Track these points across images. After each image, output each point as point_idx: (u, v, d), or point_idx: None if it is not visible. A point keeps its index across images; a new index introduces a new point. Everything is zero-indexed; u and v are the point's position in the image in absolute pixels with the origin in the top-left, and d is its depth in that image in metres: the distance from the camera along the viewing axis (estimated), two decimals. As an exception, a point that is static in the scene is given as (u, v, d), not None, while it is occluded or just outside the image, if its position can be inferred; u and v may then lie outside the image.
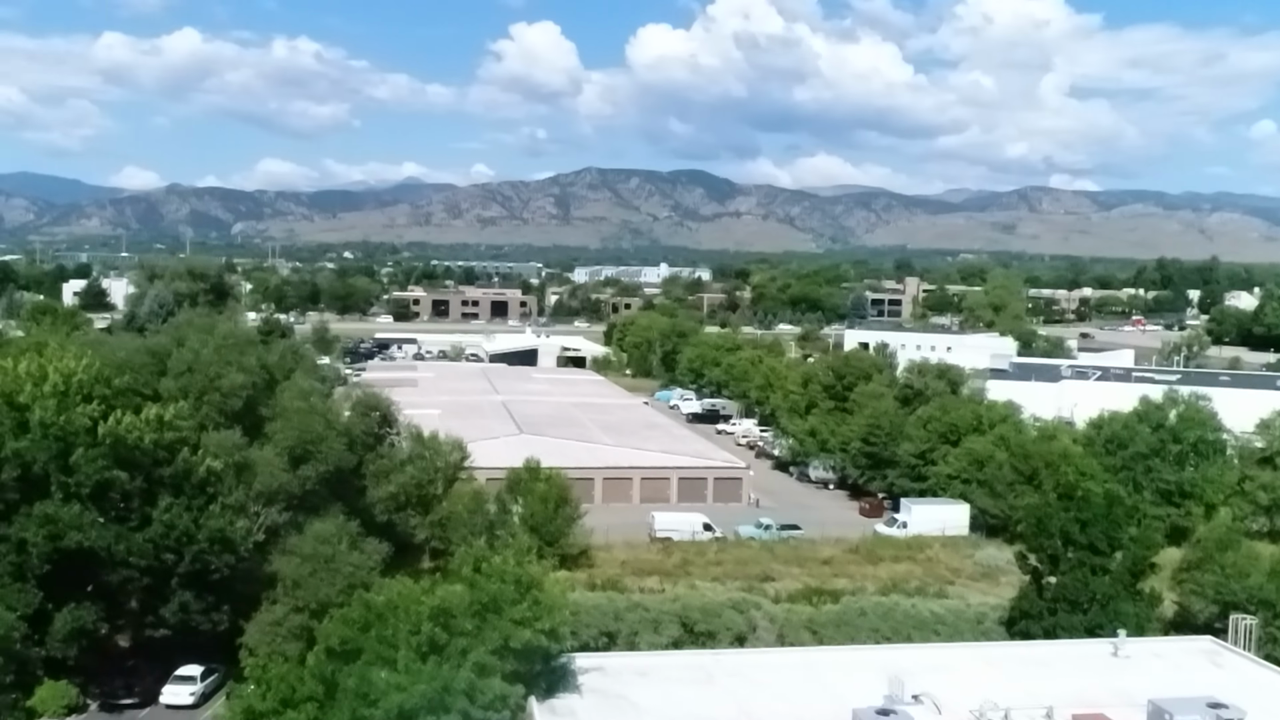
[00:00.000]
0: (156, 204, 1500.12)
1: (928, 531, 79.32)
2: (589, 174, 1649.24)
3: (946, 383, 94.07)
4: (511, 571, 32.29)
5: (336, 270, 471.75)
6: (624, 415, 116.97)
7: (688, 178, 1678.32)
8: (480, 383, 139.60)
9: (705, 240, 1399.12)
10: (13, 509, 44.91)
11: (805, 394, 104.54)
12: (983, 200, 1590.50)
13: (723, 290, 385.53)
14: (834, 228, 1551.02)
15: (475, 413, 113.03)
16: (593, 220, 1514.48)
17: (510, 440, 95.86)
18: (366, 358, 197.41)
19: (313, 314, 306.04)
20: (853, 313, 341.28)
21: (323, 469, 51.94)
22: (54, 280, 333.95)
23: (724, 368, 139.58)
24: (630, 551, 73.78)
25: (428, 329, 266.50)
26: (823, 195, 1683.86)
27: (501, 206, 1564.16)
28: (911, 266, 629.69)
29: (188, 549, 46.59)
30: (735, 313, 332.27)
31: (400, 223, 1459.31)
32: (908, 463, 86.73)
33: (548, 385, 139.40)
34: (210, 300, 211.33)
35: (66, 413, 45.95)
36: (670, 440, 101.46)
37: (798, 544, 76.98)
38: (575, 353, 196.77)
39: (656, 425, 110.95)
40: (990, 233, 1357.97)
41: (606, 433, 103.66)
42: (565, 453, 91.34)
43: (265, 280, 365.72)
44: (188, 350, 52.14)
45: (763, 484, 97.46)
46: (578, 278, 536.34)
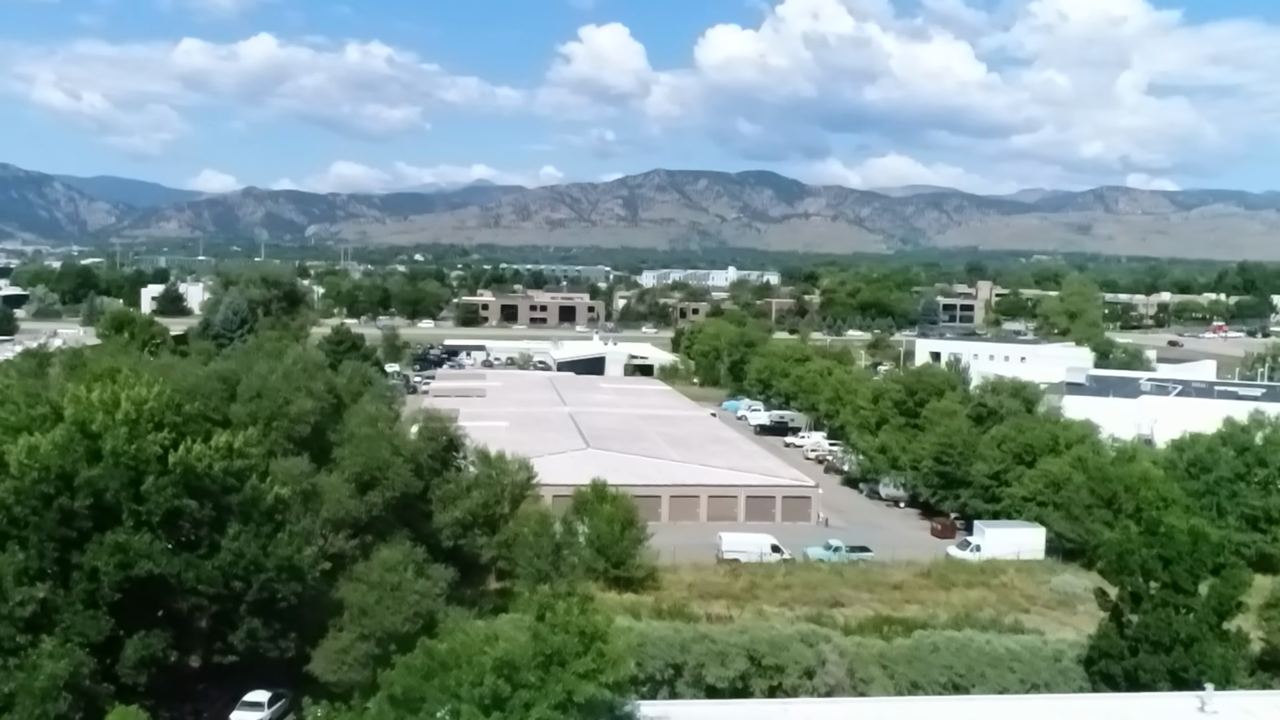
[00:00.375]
0: (233, 207, 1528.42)
1: (1002, 555, 77.60)
2: (657, 175, 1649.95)
3: (1021, 401, 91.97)
4: (576, 622, 31.72)
5: (407, 274, 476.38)
6: (691, 428, 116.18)
7: (756, 179, 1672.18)
8: (548, 393, 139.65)
9: (774, 242, 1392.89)
10: (85, 537, 45.33)
11: (876, 410, 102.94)
12: (1057, 200, 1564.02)
13: (791, 295, 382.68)
14: (904, 229, 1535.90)
15: (543, 425, 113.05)
16: (660, 222, 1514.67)
17: (577, 455, 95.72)
18: (436, 365, 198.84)
19: (383, 318, 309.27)
20: (923, 318, 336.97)
21: (389, 495, 51.93)
22: (133, 285, 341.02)
23: (792, 379, 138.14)
24: (697, 573, 73.02)
25: (496, 335, 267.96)
26: (893, 196, 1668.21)
27: (570, 208, 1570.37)
28: (983, 269, 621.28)
29: (256, 577, 46.74)
30: (804, 318, 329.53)
31: (470, 225, 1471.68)
32: (981, 483, 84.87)
33: (615, 396, 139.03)
34: (283, 307, 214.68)
35: (138, 441, 46.30)
36: (738, 456, 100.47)
37: (867, 567, 75.69)
38: (642, 361, 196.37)
39: (724, 439, 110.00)
40: (1065, 234, 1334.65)
41: (673, 447, 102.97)
42: (632, 469, 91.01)
43: (337, 284, 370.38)
44: (256, 376, 52.45)
45: (832, 501, 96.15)
46: (645, 281, 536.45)
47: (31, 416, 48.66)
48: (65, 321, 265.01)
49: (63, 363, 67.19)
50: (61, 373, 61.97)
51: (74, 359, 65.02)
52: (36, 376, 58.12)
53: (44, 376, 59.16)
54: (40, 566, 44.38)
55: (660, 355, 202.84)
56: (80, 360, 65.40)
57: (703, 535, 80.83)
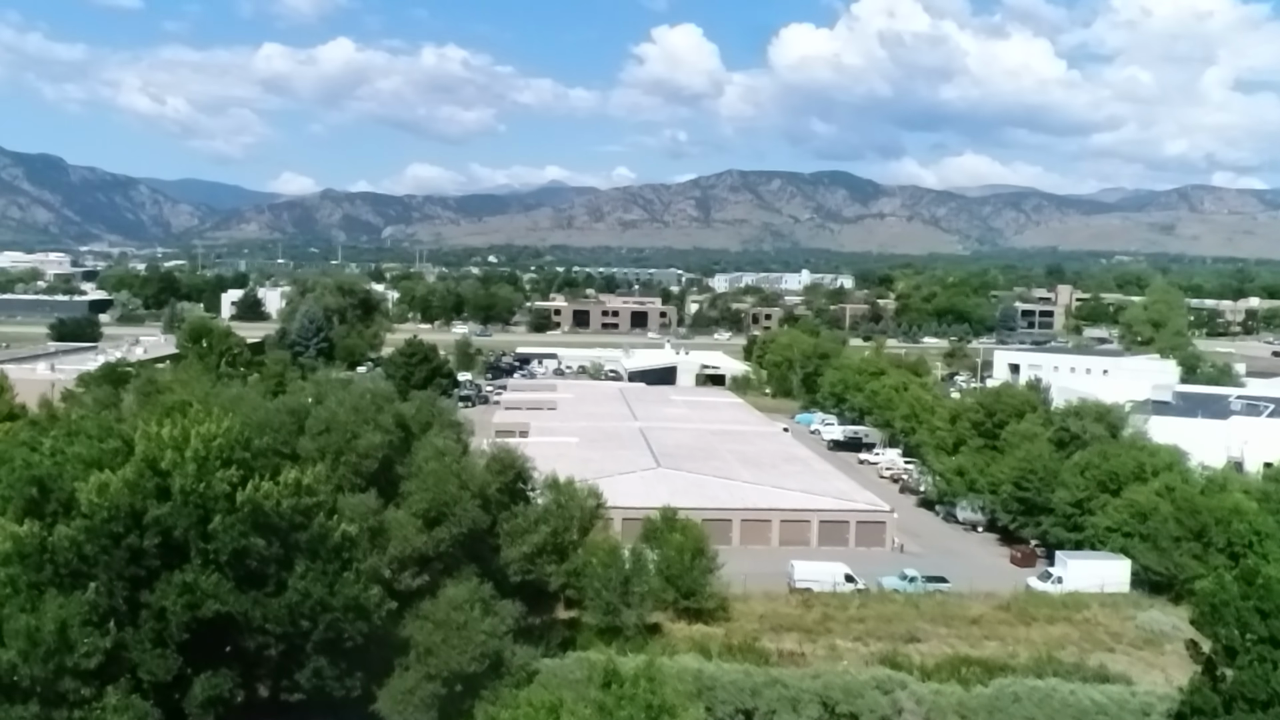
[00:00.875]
0: (311, 209, 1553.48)
1: (1085, 588, 75.03)
2: (730, 176, 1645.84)
3: (1106, 426, 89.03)
4: (643, 695, 30.62)
5: (480, 277, 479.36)
6: (763, 445, 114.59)
7: (830, 179, 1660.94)
8: (618, 406, 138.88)
9: (848, 242, 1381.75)
10: (154, 575, 45.28)
11: (953, 430, 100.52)
12: (1139, 200, 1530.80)
13: (865, 300, 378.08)
14: (981, 229, 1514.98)
15: (613, 441, 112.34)
16: (733, 223, 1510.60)
17: (647, 475, 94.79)
18: (508, 373, 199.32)
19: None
20: (1001, 325, 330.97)
21: (456, 531, 51.33)
22: (214, 290, 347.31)
23: (867, 394, 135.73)
24: (769, 604, 71.58)
25: (568, 341, 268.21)
26: (970, 195, 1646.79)
27: (643, 209, 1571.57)
28: (1063, 271, 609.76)
29: (322, 617, 46.36)
30: (878, 324, 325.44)
31: (543, 226, 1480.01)
32: (1063, 511, 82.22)
33: (686, 409, 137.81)
34: (358, 315, 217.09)
35: (207, 478, 46.17)
36: (811, 477, 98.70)
37: (944, 599, 73.60)
38: (714, 371, 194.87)
39: (797, 458, 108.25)
40: (1147, 234, 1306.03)
41: (745, 466, 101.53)
42: (703, 491, 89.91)
43: (412, 289, 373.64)
44: (325, 409, 52.20)
45: (907, 524, 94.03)
46: (717, 285, 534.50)
47: (103, 450, 48.84)
48: (148, 327, 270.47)
49: (137, 389, 67.92)
50: (135, 399, 62.51)
51: (148, 385, 65.64)
52: (110, 405, 58.49)
53: (117, 405, 59.60)
54: (110, 605, 44.45)
55: (732, 365, 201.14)
56: (154, 387, 65.90)
57: (774, 561, 79.32)
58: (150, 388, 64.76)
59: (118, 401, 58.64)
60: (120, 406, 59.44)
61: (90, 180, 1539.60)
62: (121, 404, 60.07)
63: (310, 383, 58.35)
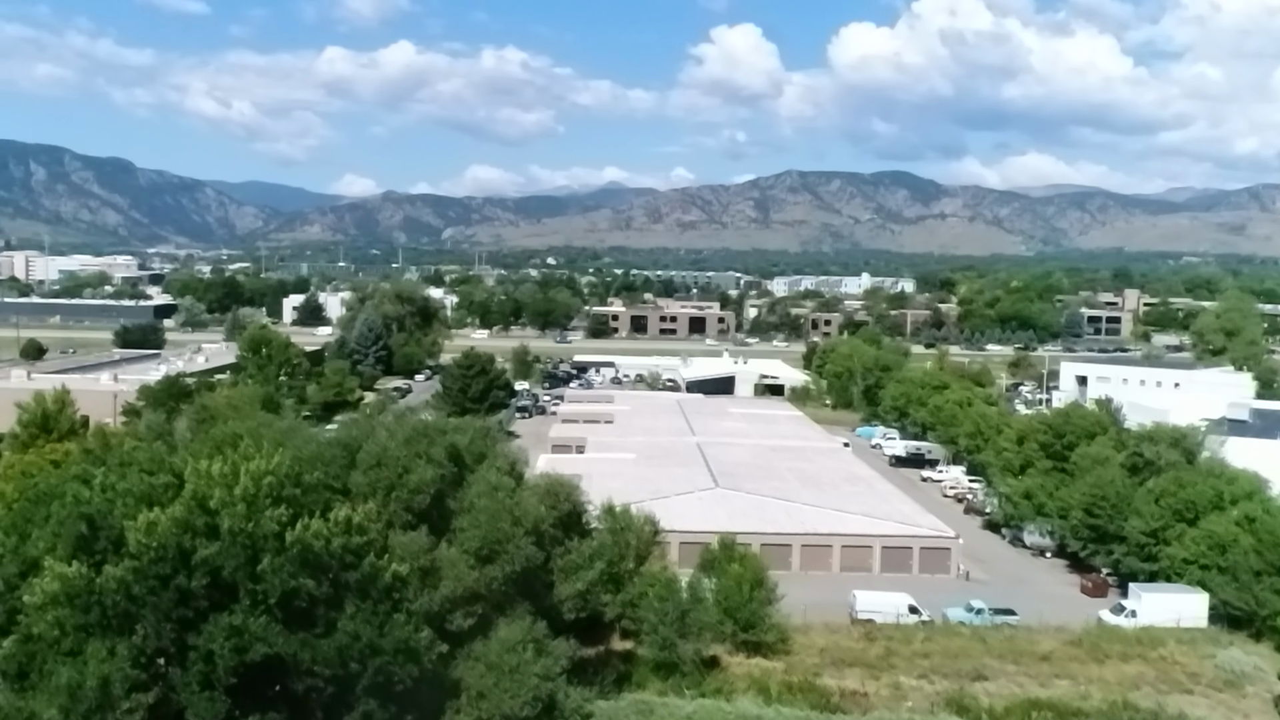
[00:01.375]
0: (373, 211, 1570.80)
1: (1160, 623, 72.11)
2: (789, 177, 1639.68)
3: (1181, 452, 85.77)
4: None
5: (539, 281, 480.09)
6: (824, 463, 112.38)
7: (891, 179, 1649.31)
8: (676, 419, 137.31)
9: (908, 243, 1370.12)
10: (202, 617, 44.49)
11: (1020, 451, 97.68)
12: (1209, 199, 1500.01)
13: (927, 305, 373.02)
14: (1045, 229, 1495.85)
15: (670, 458, 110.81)
16: (793, 224, 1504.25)
17: (705, 496, 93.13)
18: (564, 382, 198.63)
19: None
20: (1067, 331, 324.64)
21: (509, 569, 50.09)
22: (275, 295, 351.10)
23: (930, 409, 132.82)
24: (829, 636, 69.56)
25: (625, 347, 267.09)
26: (1033, 195, 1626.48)
27: (701, 210, 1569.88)
28: (1129, 274, 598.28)
29: (372, 660, 45.33)
30: (940, 330, 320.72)
31: (602, 227, 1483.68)
32: (1137, 540, 79.21)
33: (744, 423, 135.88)
34: (416, 323, 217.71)
35: (256, 517, 45.32)
36: (873, 498, 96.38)
37: (1012, 633, 71.08)
38: (773, 380, 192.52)
39: (858, 477, 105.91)
40: (1217, 234, 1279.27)
41: (805, 486, 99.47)
42: (762, 514, 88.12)
43: (470, 294, 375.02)
44: (376, 443, 51.21)
45: (972, 548, 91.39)
46: (776, 288, 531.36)
47: (153, 486, 48.24)
48: (211, 332, 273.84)
49: (192, 415, 67.61)
50: (189, 425, 62.16)
51: (201, 412, 65.29)
52: (163, 435, 58.07)
53: (171, 434, 59.21)
54: (158, 647, 43.76)
55: (791, 374, 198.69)
56: (208, 413, 65.53)
57: (835, 589, 77.31)
58: (204, 414, 64.43)
59: (170, 431, 58.27)
60: (173, 434, 58.98)
61: (158, 183, 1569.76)
62: (175, 430, 59.66)
63: (362, 414, 57.32)
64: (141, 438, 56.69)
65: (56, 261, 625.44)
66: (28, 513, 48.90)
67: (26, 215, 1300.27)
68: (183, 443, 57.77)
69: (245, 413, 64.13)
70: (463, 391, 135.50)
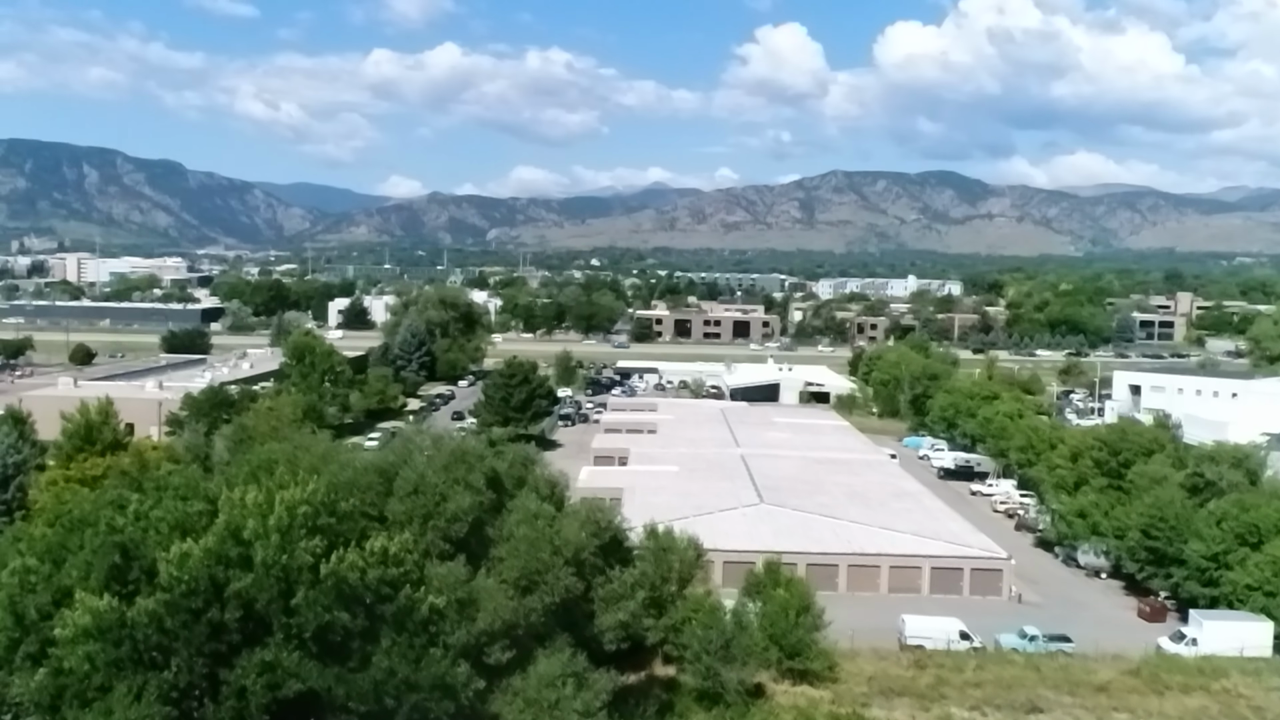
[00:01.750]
0: (419, 212, 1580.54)
1: (1222, 652, 69.52)
2: (834, 177, 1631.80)
3: (1244, 472, 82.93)
4: None
5: (582, 284, 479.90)
6: (871, 477, 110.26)
7: (937, 179, 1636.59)
8: (720, 429, 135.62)
9: (955, 244, 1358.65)
10: (234, 651, 43.52)
11: (1074, 469, 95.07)
12: (1263, 199, 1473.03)
13: (974, 308, 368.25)
14: (1095, 229, 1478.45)
15: (714, 471, 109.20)
16: (838, 224, 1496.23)
17: (749, 512, 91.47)
18: (608, 388, 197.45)
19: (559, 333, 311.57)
20: (1118, 336, 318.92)
21: (549, 600, 48.78)
22: (321, 298, 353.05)
23: (979, 420, 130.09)
24: (878, 663, 67.66)
25: (669, 353, 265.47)
26: (1083, 195, 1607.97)
27: (745, 211, 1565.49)
28: (1181, 276, 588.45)
29: (407, 697, 44.18)
30: (988, 334, 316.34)
31: (646, 228, 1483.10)
32: (1197, 564, 76.55)
33: (789, 434, 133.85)
34: (460, 329, 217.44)
35: (290, 548, 44.29)
36: (922, 515, 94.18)
37: (1068, 661, 68.86)
38: (818, 388, 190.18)
39: (907, 493, 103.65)
40: (1271, 234, 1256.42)
41: (852, 501, 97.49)
42: (808, 532, 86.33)
43: (514, 297, 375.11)
44: (413, 469, 50.07)
45: (1024, 567, 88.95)
46: (821, 291, 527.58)
47: (187, 514, 47.41)
48: (257, 335, 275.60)
49: (229, 436, 66.99)
50: (227, 445, 61.45)
51: (240, 431, 64.62)
52: (200, 458, 57.33)
53: (208, 455, 58.48)
54: (190, 682, 42.86)
55: (837, 381, 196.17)
56: (246, 433, 64.80)
57: (883, 611, 75.38)
58: (243, 433, 63.76)
59: (208, 452, 57.55)
60: (211, 456, 58.24)
61: (207, 185, 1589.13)
62: (213, 449, 58.93)
63: (400, 439, 56.19)
64: (178, 459, 55.93)
65: (107, 263, 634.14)
66: (62, 539, 48.21)
67: (80, 217, 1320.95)
68: (220, 464, 57.03)
69: (283, 432, 63.36)
70: (505, 400, 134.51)
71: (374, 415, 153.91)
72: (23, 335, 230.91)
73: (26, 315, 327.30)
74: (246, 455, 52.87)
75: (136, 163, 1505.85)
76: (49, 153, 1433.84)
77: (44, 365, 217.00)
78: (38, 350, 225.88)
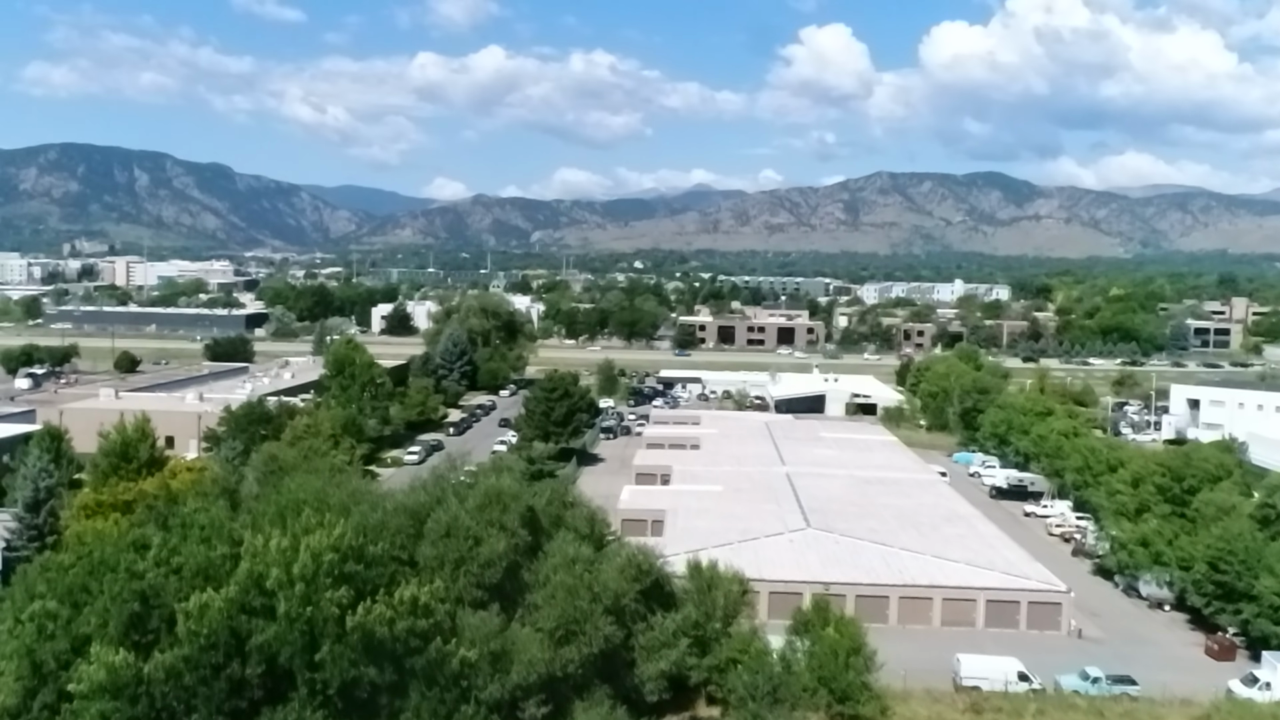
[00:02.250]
0: (463, 214, 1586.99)
1: (1298, 697, 65.75)
2: (879, 178, 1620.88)
3: (1320, 504, 78.90)
4: None
5: (624, 288, 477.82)
6: (921, 498, 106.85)
7: (984, 180, 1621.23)
8: (764, 446, 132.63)
9: (1002, 245, 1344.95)
10: (255, 709, 41.49)
11: (1135, 494, 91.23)
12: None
13: (1023, 314, 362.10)
14: (1144, 231, 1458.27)
15: (760, 491, 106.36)
16: (883, 226, 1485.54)
17: (797, 538, 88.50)
18: (650, 399, 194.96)
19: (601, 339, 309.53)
20: (1172, 344, 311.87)
21: (587, 650, 46.35)
22: (364, 303, 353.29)
23: (1033, 438, 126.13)
24: (932, 705, 64.51)
25: (712, 359, 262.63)
26: (1132, 196, 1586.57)
27: (789, 213, 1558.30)
28: (1235, 280, 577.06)
29: (438, 756, 41.94)
30: (1038, 342, 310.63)
31: (689, 230, 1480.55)
32: (1270, 601, 72.70)
33: (836, 450, 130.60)
34: (502, 338, 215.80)
35: (315, 599, 42.15)
36: (976, 541, 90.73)
37: (1133, 705, 65.34)
38: (865, 399, 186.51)
39: (959, 516, 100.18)
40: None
41: (902, 526, 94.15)
42: (857, 560, 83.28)
43: (556, 302, 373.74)
44: (446, 511, 47.79)
45: (1083, 598, 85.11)
46: (867, 295, 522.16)
47: (210, 558, 45.45)
48: (301, 342, 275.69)
49: (259, 467, 65.06)
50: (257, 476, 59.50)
51: (270, 462, 62.65)
52: (228, 491, 55.40)
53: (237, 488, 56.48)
54: (209, 741, 40.86)
55: (884, 392, 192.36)
56: (276, 464, 62.86)
57: (936, 647, 72.23)
58: (273, 464, 61.79)
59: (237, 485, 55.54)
60: (240, 488, 56.28)
61: (255, 188, 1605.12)
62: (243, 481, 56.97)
63: (434, 475, 53.89)
64: (206, 491, 54.02)
65: (156, 267, 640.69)
66: (83, 581, 46.41)
67: (130, 220, 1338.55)
68: (249, 497, 55.09)
69: (314, 463, 61.32)
70: (546, 415, 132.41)
71: (414, 427, 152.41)
72: (69, 342, 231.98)
73: (74, 320, 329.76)
74: (275, 490, 50.77)
75: (186, 166, 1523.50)
76: (101, 156, 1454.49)
77: (89, 373, 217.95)
78: (83, 357, 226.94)
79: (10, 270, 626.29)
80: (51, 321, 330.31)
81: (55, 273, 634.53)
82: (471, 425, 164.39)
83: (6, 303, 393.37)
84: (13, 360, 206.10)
